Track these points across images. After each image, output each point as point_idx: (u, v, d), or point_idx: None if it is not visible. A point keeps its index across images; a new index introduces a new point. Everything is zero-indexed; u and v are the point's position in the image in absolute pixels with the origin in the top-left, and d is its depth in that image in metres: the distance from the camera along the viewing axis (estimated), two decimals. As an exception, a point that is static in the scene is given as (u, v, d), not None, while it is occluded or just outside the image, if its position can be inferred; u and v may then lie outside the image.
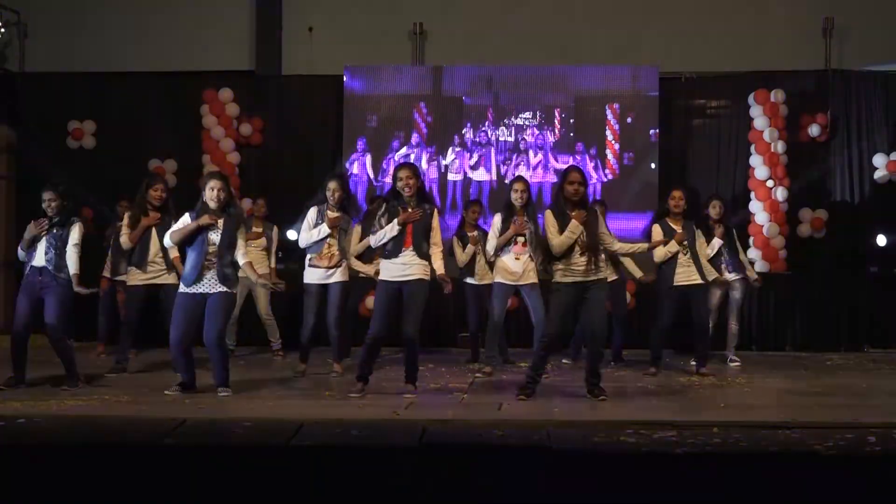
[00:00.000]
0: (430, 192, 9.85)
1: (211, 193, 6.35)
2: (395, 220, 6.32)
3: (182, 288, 6.39)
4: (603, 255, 6.40)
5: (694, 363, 8.02)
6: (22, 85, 10.99)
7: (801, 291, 10.07)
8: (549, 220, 6.31)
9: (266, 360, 8.76)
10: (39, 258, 6.65)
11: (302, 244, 7.55)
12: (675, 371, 7.86)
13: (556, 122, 10.60)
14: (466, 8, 10.94)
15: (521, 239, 7.48)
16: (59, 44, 10.98)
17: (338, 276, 7.49)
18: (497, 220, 7.66)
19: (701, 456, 4.52)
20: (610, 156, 10.51)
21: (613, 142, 10.52)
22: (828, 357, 9.25)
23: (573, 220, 6.22)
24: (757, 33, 10.71)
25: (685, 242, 7.54)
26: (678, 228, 7.57)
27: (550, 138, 10.58)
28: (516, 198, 7.50)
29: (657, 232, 7.62)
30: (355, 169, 10.55)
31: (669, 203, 7.63)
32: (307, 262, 7.57)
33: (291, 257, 9.33)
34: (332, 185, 7.51)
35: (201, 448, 4.64)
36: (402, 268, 6.31)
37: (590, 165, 10.48)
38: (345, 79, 10.67)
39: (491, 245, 7.63)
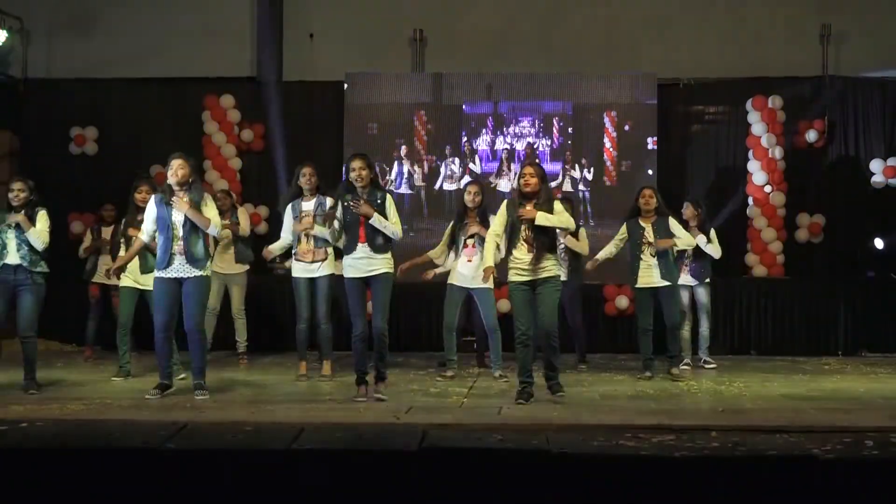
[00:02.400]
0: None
1: (169, 172, 6.36)
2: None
3: (157, 273, 6.39)
4: (559, 254, 6.35)
5: (685, 365, 8.24)
6: (24, 91, 11.03)
7: (799, 296, 10.08)
8: (500, 209, 6.39)
9: (267, 363, 8.77)
10: (13, 256, 6.63)
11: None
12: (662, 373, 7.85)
13: (554, 129, 10.63)
14: (466, 15, 10.98)
15: (471, 241, 7.47)
16: (61, 50, 11.03)
17: (324, 269, 7.33)
18: (451, 225, 7.73)
19: (699, 460, 4.54)
20: (608, 163, 10.55)
21: (611, 149, 10.55)
22: (825, 361, 9.27)
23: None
24: (754, 40, 10.76)
25: (650, 242, 7.64)
26: (647, 225, 7.67)
27: (549, 146, 10.62)
28: (469, 200, 7.51)
29: (623, 230, 7.77)
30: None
31: (640, 202, 7.72)
32: (293, 255, 7.43)
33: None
34: (306, 170, 7.41)
35: (202, 452, 4.67)
36: (366, 262, 6.23)
37: (587, 173, 10.53)
38: (345, 85, 10.71)
39: (437, 250, 7.75)
